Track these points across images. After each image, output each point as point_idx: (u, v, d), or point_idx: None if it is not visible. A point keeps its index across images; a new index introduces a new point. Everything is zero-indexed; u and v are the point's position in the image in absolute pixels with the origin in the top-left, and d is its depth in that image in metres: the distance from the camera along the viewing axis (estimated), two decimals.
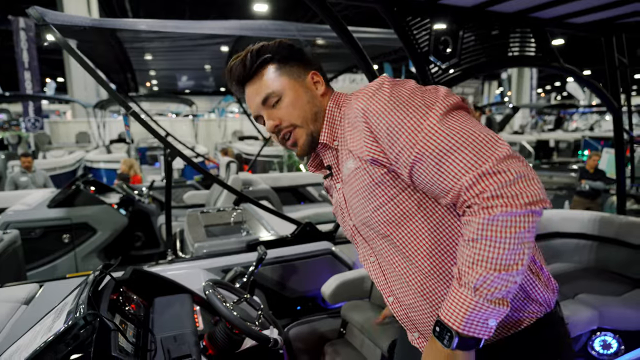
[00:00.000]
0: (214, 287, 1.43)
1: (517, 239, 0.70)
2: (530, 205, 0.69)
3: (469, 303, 0.72)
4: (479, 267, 0.71)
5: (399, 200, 0.84)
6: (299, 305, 2.26)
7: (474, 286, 0.71)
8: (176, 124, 13.61)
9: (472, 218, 0.71)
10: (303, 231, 2.31)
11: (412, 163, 0.77)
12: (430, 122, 0.76)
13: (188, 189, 4.68)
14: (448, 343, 0.74)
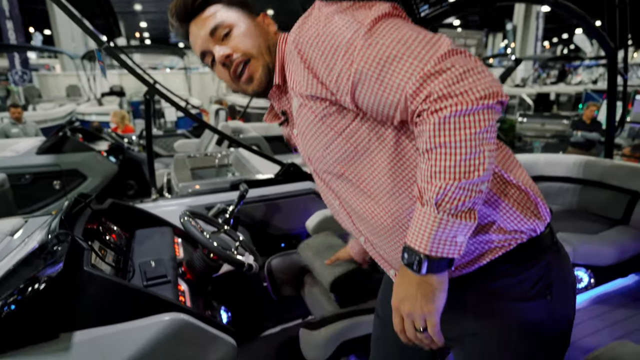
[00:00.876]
0: (190, 215, 1.46)
1: (474, 140, 0.63)
2: (483, 100, 0.63)
3: (432, 221, 0.67)
4: (436, 180, 0.65)
5: (348, 133, 0.77)
6: (283, 243, 2.32)
7: (435, 202, 0.66)
8: (169, 77, 13.28)
9: (423, 127, 0.65)
10: (287, 172, 2.32)
11: (353, 86, 0.70)
12: (362, 36, 0.68)
13: (179, 138, 4.66)
14: (418, 268, 0.69)
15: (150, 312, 1.07)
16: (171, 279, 1.27)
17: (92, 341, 0.99)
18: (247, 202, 2.17)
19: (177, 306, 1.12)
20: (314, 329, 1.39)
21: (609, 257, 2.27)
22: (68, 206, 1.32)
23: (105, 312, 1.03)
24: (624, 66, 3.14)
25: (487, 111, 0.64)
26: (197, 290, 1.42)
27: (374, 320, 1.15)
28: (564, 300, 0.82)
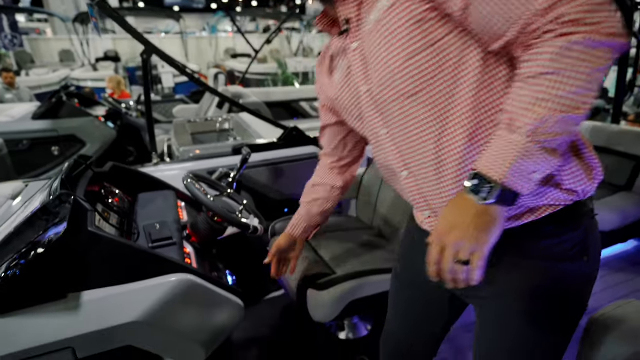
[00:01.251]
0: (194, 178, 1.43)
1: (592, 75, 0.58)
2: (614, 37, 0.57)
3: (519, 149, 0.61)
4: (539, 108, 0.60)
5: (440, 46, 0.68)
6: (286, 208, 2.31)
7: (528, 130, 0.61)
8: (165, 42, 12.88)
9: (543, 49, 0.59)
10: (290, 136, 2.28)
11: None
12: None
13: (177, 103, 4.56)
14: (487, 196, 0.63)
15: (157, 273, 1.07)
16: (177, 241, 1.27)
17: (100, 301, 0.99)
18: (249, 167, 2.14)
19: (185, 267, 1.12)
20: (322, 289, 1.40)
21: (610, 223, 2.27)
22: (68, 168, 1.29)
23: (112, 272, 1.02)
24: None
25: (612, 50, 0.58)
26: (203, 253, 1.41)
27: (391, 280, 1.12)
28: (595, 263, 0.80)
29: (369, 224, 1.96)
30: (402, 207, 1.75)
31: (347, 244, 1.77)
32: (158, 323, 1.03)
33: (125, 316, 1.00)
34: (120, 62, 9.92)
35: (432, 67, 0.69)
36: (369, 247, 1.76)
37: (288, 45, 11.39)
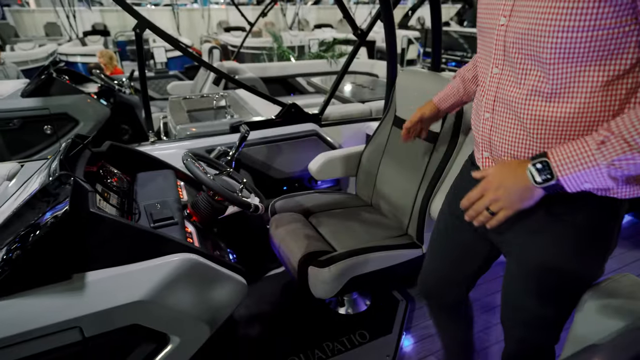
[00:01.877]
0: (193, 157, 1.42)
1: None
2: None
3: (592, 164, 0.67)
4: (634, 143, 0.62)
5: (604, 34, 0.64)
6: (285, 186, 2.31)
7: (610, 154, 0.65)
8: (155, 14, 12.47)
9: None
10: (288, 112, 2.25)
11: None
12: None
13: (171, 79, 4.46)
14: (542, 181, 0.72)
15: (161, 252, 1.07)
16: (178, 220, 1.26)
17: (105, 281, 1.00)
18: (247, 145, 2.12)
19: (187, 246, 1.12)
20: (322, 266, 1.41)
21: None
22: (66, 147, 1.27)
23: (116, 253, 1.03)
24: None
25: None
26: (204, 232, 1.42)
27: (438, 217, 1.21)
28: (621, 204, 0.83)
29: (368, 201, 1.97)
30: (401, 184, 1.75)
31: (347, 221, 1.78)
32: (163, 302, 1.04)
33: (130, 296, 1.01)
34: (109, 36, 9.62)
35: (583, 49, 0.67)
36: (368, 224, 1.77)
37: (283, 18, 11.09)
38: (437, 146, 1.62)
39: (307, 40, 8.56)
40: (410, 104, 1.74)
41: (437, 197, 1.60)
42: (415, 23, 12.47)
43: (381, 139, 1.90)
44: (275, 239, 1.69)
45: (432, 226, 1.65)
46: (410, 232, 1.71)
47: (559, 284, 0.92)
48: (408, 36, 8.56)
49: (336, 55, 5.06)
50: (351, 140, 2.42)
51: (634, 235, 2.56)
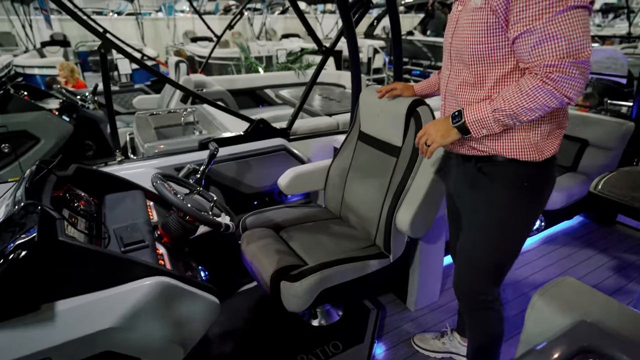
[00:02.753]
0: (162, 178, 1.43)
1: (540, 107, 1.04)
2: (566, 98, 1.02)
3: (485, 114, 1.10)
4: (507, 102, 1.06)
5: (492, 45, 1.10)
6: (255, 201, 2.34)
7: (494, 107, 1.08)
8: (118, 24, 12.17)
9: (530, 79, 1.03)
10: (256, 128, 2.28)
11: (524, 30, 1.01)
12: (559, 9, 0.95)
13: (137, 93, 4.38)
14: (455, 122, 1.16)
15: (132, 277, 1.08)
16: (149, 243, 1.28)
17: (76, 309, 1.00)
18: (217, 162, 2.14)
19: (159, 269, 1.14)
20: (294, 280, 1.46)
21: (558, 202, 2.47)
22: (31, 174, 1.25)
23: (85, 280, 1.03)
24: None
25: (560, 104, 1.05)
26: (175, 252, 1.43)
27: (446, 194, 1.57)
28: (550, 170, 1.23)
29: (337, 214, 2.03)
30: (367, 197, 1.83)
31: (317, 234, 1.83)
32: (135, 327, 1.06)
33: (101, 323, 1.01)
34: (70, 47, 9.29)
35: (483, 54, 1.12)
36: (337, 236, 1.83)
37: (250, 28, 11.09)
38: (399, 161, 1.70)
39: (274, 50, 8.61)
40: (374, 119, 1.82)
41: (401, 209, 1.68)
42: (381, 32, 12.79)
43: (347, 153, 1.98)
44: (246, 255, 1.72)
45: (398, 236, 1.73)
46: (378, 243, 1.78)
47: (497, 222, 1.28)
48: (374, 46, 8.78)
49: (304, 66, 5.15)
50: (319, 154, 2.49)
51: (585, 235, 2.75)
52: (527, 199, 1.23)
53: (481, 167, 1.25)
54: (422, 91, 1.65)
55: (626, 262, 2.44)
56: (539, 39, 0.98)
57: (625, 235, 2.73)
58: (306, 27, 2.28)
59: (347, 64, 7.73)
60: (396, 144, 1.73)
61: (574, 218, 2.92)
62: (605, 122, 2.64)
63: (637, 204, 1.45)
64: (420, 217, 1.63)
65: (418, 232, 1.69)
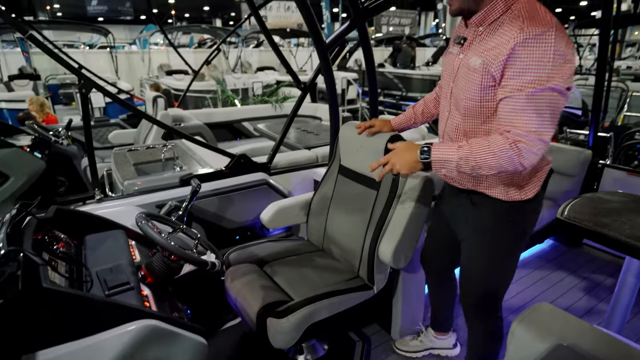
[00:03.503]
0: (147, 218, 1.43)
1: (498, 167, 1.15)
2: (521, 166, 1.14)
3: (451, 157, 1.18)
4: (474, 154, 1.15)
5: (482, 102, 1.23)
6: (237, 235, 2.34)
7: (460, 154, 1.17)
8: (90, 57, 12.10)
9: (500, 139, 1.13)
10: (237, 163, 2.31)
11: (507, 96, 1.13)
12: (540, 87, 1.07)
13: (113, 128, 4.33)
14: (422, 157, 1.22)
15: (118, 321, 1.07)
16: (134, 285, 1.26)
17: (58, 359, 0.97)
18: (198, 197, 2.14)
19: (145, 312, 1.13)
20: (281, 317, 1.46)
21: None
22: (10, 219, 1.23)
23: (69, 328, 1.01)
24: None
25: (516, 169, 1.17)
26: (160, 292, 1.41)
27: (432, 218, 1.72)
28: (536, 205, 1.40)
29: (320, 246, 2.06)
30: (349, 229, 1.87)
31: (301, 268, 1.85)
32: None
33: None
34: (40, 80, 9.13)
35: (475, 107, 1.26)
36: (321, 269, 1.85)
37: (226, 61, 11.28)
38: (380, 194, 1.77)
39: (250, 83, 8.77)
40: (354, 154, 1.90)
41: (383, 240, 1.73)
42: (353, 64, 13.27)
43: (329, 186, 2.03)
44: (231, 291, 1.71)
45: (381, 267, 1.77)
46: (362, 275, 1.81)
47: (488, 253, 1.45)
48: (347, 78, 9.09)
49: (280, 99, 5.27)
50: (300, 187, 2.53)
51: (556, 257, 2.88)
52: (515, 227, 1.39)
53: (472, 199, 1.42)
54: (399, 125, 1.77)
55: (595, 282, 2.56)
56: (516, 107, 1.11)
57: (592, 256, 2.88)
58: (284, 64, 2.38)
59: (322, 95, 7.97)
60: (376, 178, 1.80)
61: (545, 242, 3.05)
62: (566, 150, 2.83)
63: (599, 228, 1.55)
64: (402, 248, 1.68)
65: (400, 263, 1.73)
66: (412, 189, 1.65)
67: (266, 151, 3.73)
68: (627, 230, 1.52)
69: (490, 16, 1.19)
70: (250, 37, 13.08)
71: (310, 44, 15.06)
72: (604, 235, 1.51)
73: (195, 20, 25.90)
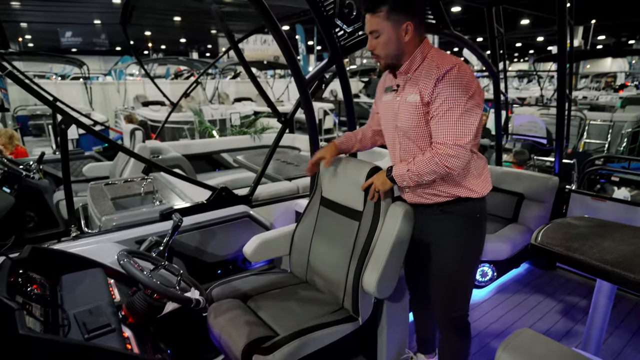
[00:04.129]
0: (129, 256, 1.40)
1: (431, 173, 1.50)
2: (446, 168, 1.47)
3: (403, 172, 1.55)
4: (415, 166, 1.52)
5: (426, 126, 1.52)
6: (219, 270, 2.30)
7: (408, 168, 1.54)
8: (63, 88, 11.92)
9: (429, 152, 1.49)
10: (219, 196, 2.31)
11: (434, 115, 1.46)
12: (455, 107, 1.41)
13: (87, 160, 4.24)
14: (388, 175, 1.61)
15: None
16: (115, 326, 1.22)
17: None
18: (179, 232, 2.11)
19: (127, 356, 1.09)
20: (267, 354, 1.43)
21: (506, 251, 2.68)
22: None
23: None
24: (504, 87, 3.72)
25: (446, 172, 1.51)
26: (141, 333, 1.36)
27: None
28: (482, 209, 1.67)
29: (303, 278, 2.05)
30: (333, 260, 1.88)
31: (285, 301, 1.83)
32: None
33: None
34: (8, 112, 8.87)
35: (419, 132, 1.55)
36: (305, 302, 1.84)
37: (203, 92, 11.35)
38: (362, 224, 1.80)
39: (228, 114, 8.84)
40: (336, 186, 1.93)
41: (367, 270, 1.74)
42: (329, 95, 13.61)
43: (311, 218, 2.05)
44: (214, 328, 1.67)
45: (366, 298, 1.78)
46: (346, 306, 1.81)
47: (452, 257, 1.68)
48: (324, 108, 9.30)
49: (258, 130, 5.32)
50: (282, 219, 2.54)
51: (532, 281, 2.96)
52: (480, 225, 1.68)
53: (443, 209, 1.64)
54: (341, 145, 1.89)
55: (570, 304, 2.64)
56: (440, 124, 1.45)
57: (566, 279, 2.98)
58: (263, 96, 2.44)
59: (299, 125, 8.10)
60: (358, 209, 1.84)
61: (521, 266, 3.14)
62: (536, 178, 2.98)
63: (570, 253, 1.63)
64: (386, 278, 1.70)
65: (385, 292, 1.75)
66: (393, 218, 1.69)
67: (246, 182, 3.74)
68: (596, 254, 1.60)
69: (413, 65, 1.53)
70: (227, 68, 13.27)
71: (287, 75, 15.39)
72: (576, 260, 1.58)
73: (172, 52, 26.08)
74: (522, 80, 23.44)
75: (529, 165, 4.12)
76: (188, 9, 11.63)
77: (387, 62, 1.55)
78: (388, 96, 1.65)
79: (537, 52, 29.67)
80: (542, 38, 25.06)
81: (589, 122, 7.82)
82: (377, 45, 1.51)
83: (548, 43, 26.42)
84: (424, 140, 1.56)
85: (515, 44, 25.44)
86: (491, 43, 3.32)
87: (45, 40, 19.17)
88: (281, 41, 2.05)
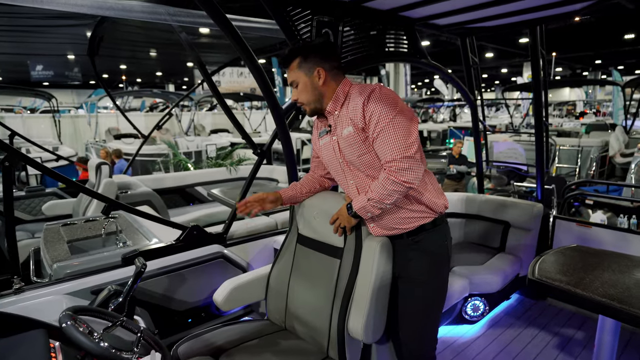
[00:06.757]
0: (73, 315, 1.18)
1: (391, 193, 1.46)
2: (405, 183, 1.44)
3: (364, 203, 1.51)
4: (374, 193, 1.48)
5: (366, 153, 1.52)
6: (190, 318, 2.06)
7: (367, 197, 1.50)
8: (32, 121, 11.49)
9: (383, 173, 1.47)
10: (190, 236, 2.11)
11: (374, 137, 1.47)
12: (389, 121, 1.43)
13: (48, 198, 3.93)
14: (350, 212, 1.57)
15: None
16: None
17: None
18: (144, 278, 1.89)
19: None
20: None
21: (497, 284, 2.55)
22: None
23: None
24: (482, 115, 3.73)
25: (403, 186, 1.45)
26: None
27: None
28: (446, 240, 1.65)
29: (282, 325, 1.85)
30: (314, 303, 1.71)
31: (263, 354, 1.63)
32: None
33: None
34: None
35: (368, 161, 1.54)
36: (285, 353, 1.65)
37: (178, 124, 11.16)
38: (343, 262, 1.65)
39: (204, 145, 8.65)
40: (311, 222, 1.78)
41: (352, 313, 1.57)
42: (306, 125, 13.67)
43: (287, 258, 1.88)
44: None
45: (353, 343, 1.60)
46: (332, 355, 1.62)
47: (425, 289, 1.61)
48: (301, 138, 9.26)
49: (235, 162, 5.16)
50: (260, 257, 2.35)
51: (525, 313, 2.84)
52: (448, 252, 1.66)
53: (414, 239, 1.60)
54: (284, 194, 1.79)
55: (566, 338, 2.52)
56: (381, 142, 1.45)
57: (558, 308, 2.87)
58: (238, 129, 2.31)
59: (277, 155, 7.99)
60: (338, 245, 1.69)
61: (512, 297, 3.02)
62: (519, 205, 2.91)
63: (572, 288, 1.53)
64: (373, 320, 1.54)
65: (373, 336, 1.58)
66: (370, 253, 1.56)
67: (222, 217, 3.52)
68: (599, 288, 1.50)
69: (337, 104, 1.57)
70: (203, 100, 13.19)
71: (264, 106, 15.44)
72: (579, 296, 1.47)
73: (148, 85, 25.91)
74: (491, 108, 24.46)
75: (510, 192, 4.10)
76: (163, 41, 11.59)
77: (312, 108, 1.60)
78: (324, 139, 1.66)
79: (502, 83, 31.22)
80: (506, 70, 26.41)
81: (559, 147, 8.05)
82: (298, 94, 1.59)
83: (512, 74, 27.87)
84: (372, 167, 1.54)
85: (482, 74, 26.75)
86: (467, 72, 3.34)
87: (14, 73, 18.67)
88: (257, 72, 1.95)
